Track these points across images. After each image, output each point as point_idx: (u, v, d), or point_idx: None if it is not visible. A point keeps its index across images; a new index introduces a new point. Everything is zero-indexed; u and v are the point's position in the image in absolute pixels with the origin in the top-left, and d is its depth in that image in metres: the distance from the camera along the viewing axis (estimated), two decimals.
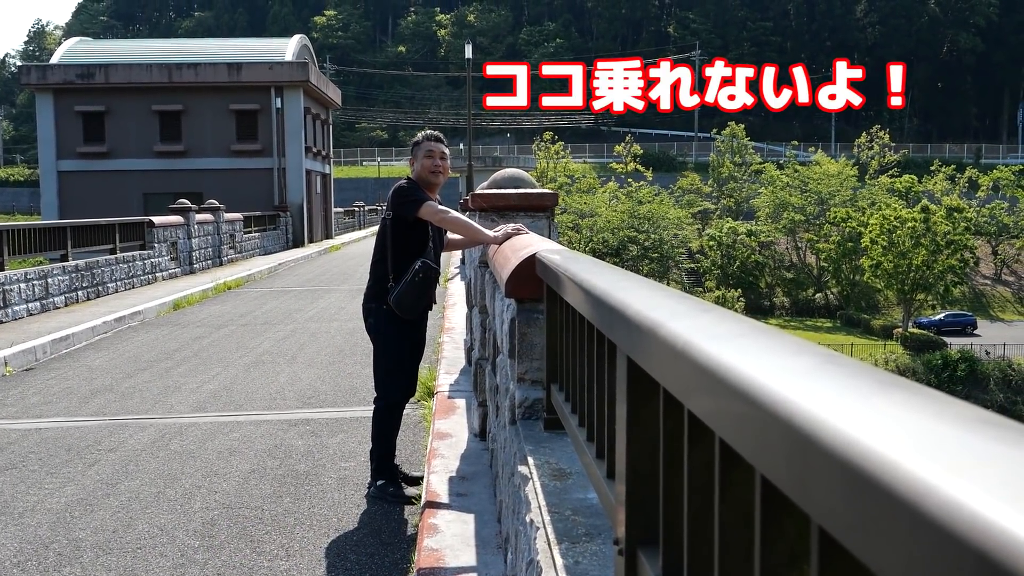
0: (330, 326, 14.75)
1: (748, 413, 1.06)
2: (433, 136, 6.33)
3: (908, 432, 0.77)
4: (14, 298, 14.99)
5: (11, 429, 8.30)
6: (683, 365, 1.36)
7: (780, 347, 1.22)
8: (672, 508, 1.71)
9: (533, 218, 6.90)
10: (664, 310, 1.68)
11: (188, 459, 7.18)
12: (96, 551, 5.30)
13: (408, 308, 5.99)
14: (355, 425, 8.17)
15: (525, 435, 3.74)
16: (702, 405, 1.30)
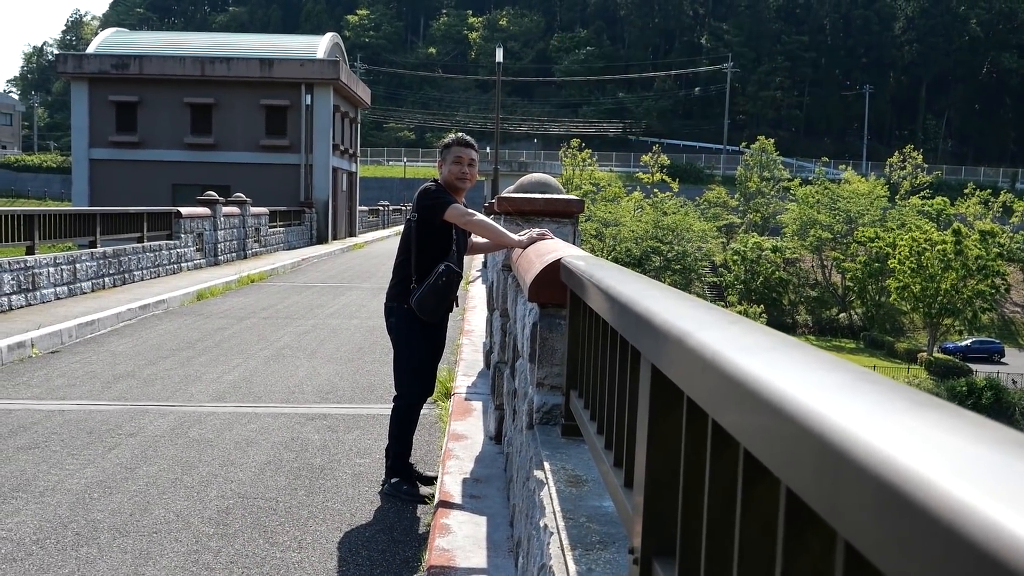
0: (350, 323, 14.77)
1: (778, 426, 1.04)
2: (463, 141, 6.30)
3: (945, 452, 0.76)
4: (43, 282, 15.09)
5: (35, 409, 8.36)
6: (711, 376, 1.34)
7: (812, 362, 1.20)
8: (691, 518, 1.70)
9: (558, 224, 6.89)
10: (692, 320, 1.66)
11: (206, 447, 7.20)
12: (113, 533, 5.33)
13: (429, 311, 5.98)
14: (372, 422, 8.17)
15: (542, 440, 3.72)
16: (729, 416, 1.28)
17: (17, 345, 10.99)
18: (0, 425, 7.74)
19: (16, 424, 7.80)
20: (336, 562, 5.03)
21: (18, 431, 7.58)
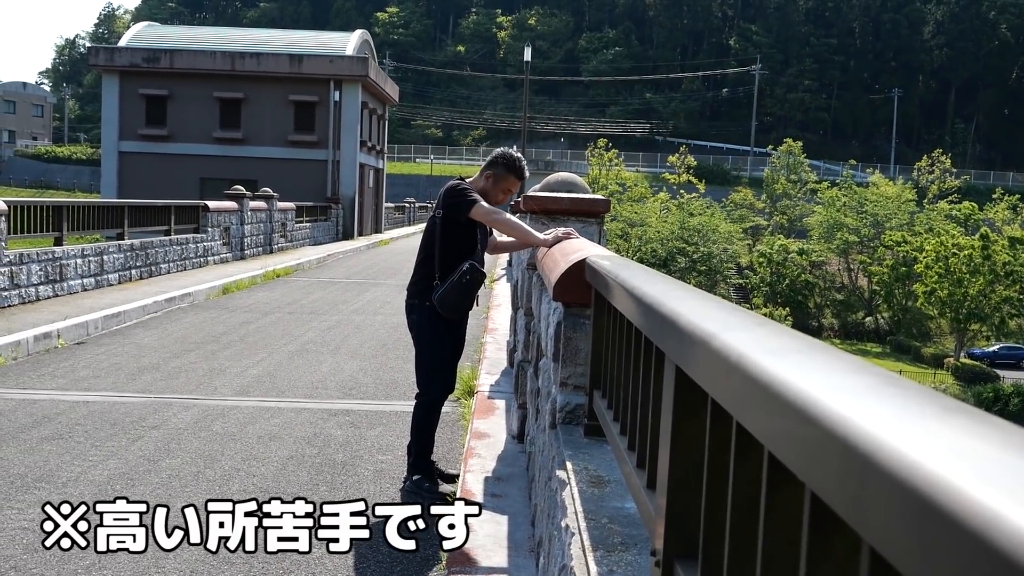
0: (374, 319, 14.81)
1: (803, 430, 1.03)
2: (520, 173, 6.21)
3: (973, 458, 0.75)
4: (70, 273, 15.21)
5: (60, 400, 8.42)
6: (736, 378, 1.33)
7: (838, 365, 1.19)
8: (714, 521, 1.69)
9: (584, 223, 6.88)
10: (717, 321, 1.65)
11: (229, 441, 7.23)
12: None
13: (452, 308, 5.97)
14: (394, 419, 8.18)
15: (565, 440, 3.72)
16: (753, 419, 1.27)
17: (43, 336, 11.07)
18: (25, 415, 7.80)
19: (41, 415, 7.86)
20: (357, 559, 5.04)
21: (42, 421, 7.64)
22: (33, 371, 9.72)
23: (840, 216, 65.51)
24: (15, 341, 10.54)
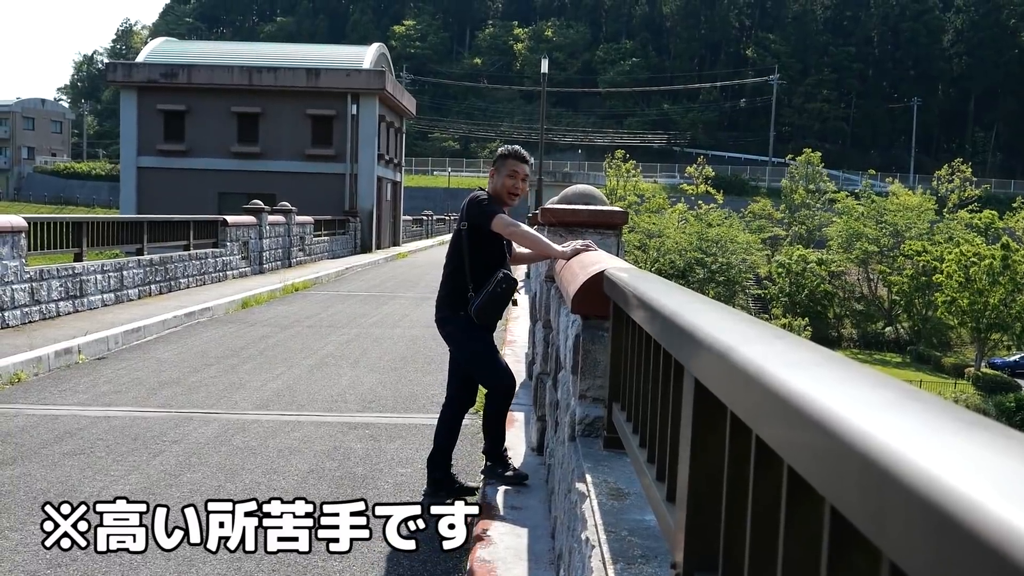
0: (393, 332, 14.84)
1: (823, 444, 1.04)
2: (520, 155, 6.27)
3: (993, 473, 0.75)
4: (90, 288, 15.30)
5: (82, 415, 8.47)
6: (755, 391, 1.34)
7: (857, 379, 1.19)
8: (734, 535, 1.69)
9: (602, 235, 6.88)
10: (736, 334, 1.65)
11: (249, 455, 7.26)
12: None
13: (489, 317, 6.02)
14: (414, 432, 8.20)
15: (584, 453, 3.72)
16: (772, 432, 1.28)
17: (64, 351, 11.14)
18: (47, 431, 7.85)
19: (62, 430, 7.91)
20: (378, 571, 5.05)
21: (64, 437, 7.68)
22: (55, 387, 9.78)
23: (859, 226, 65.30)
24: (36, 357, 10.61)
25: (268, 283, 21.62)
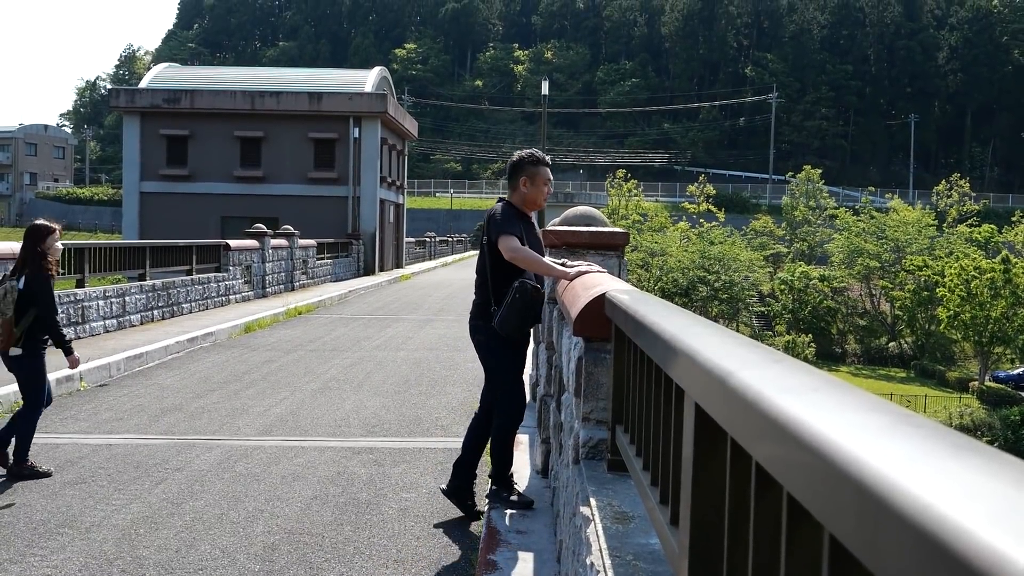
0: (397, 355, 14.83)
1: (818, 469, 1.04)
2: (546, 161, 6.32)
3: (985, 500, 0.75)
4: (92, 314, 15.32)
5: (83, 443, 8.46)
6: (753, 416, 1.34)
7: (853, 403, 1.20)
8: (736, 559, 1.69)
9: (604, 256, 6.89)
10: (735, 358, 1.66)
11: (252, 482, 7.25)
12: (159, 570, 5.37)
13: (512, 329, 6.00)
14: (418, 456, 8.19)
15: (588, 476, 3.72)
16: (770, 457, 1.28)
17: (66, 379, 11.13)
18: (47, 460, 7.83)
19: (64, 459, 7.90)
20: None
21: (65, 466, 7.67)
22: (56, 415, 9.77)
23: (860, 242, 65.33)
24: None
25: (271, 307, 21.63)
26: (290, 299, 24.19)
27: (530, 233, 6.23)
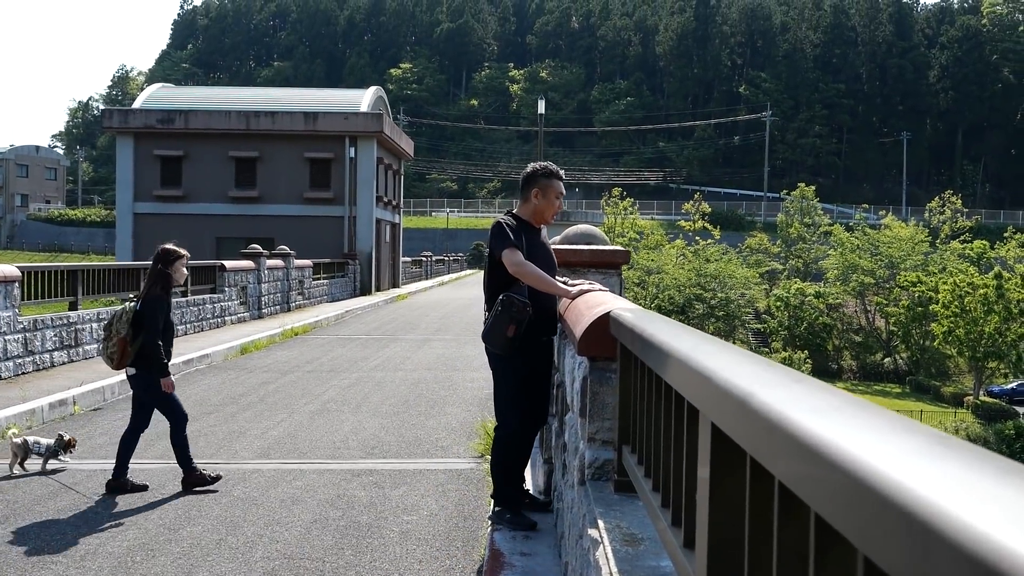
0: (395, 375, 14.77)
1: (858, 495, 1.00)
2: (560, 175, 6.23)
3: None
4: (86, 337, 15.24)
5: (77, 469, 8.38)
6: (778, 438, 1.31)
7: (883, 424, 1.17)
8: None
9: (604, 275, 6.87)
10: (754, 378, 1.62)
11: (251, 506, 7.18)
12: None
13: (496, 343, 5.81)
14: (418, 477, 8.13)
15: (595, 497, 3.67)
16: (798, 480, 1.24)
17: (59, 403, 11.06)
18: (41, 486, 7.76)
19: (57, 485, 7.81)
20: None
21: (59, 492, 7.59)
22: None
23: (855, 258, 65.57)
24: (30, 409, 10.53)
25: (267, 328, 21.57)
26: (286, 320, 24.12)
27: (539, 246, 6.07)
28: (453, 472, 8.37)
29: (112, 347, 7.53)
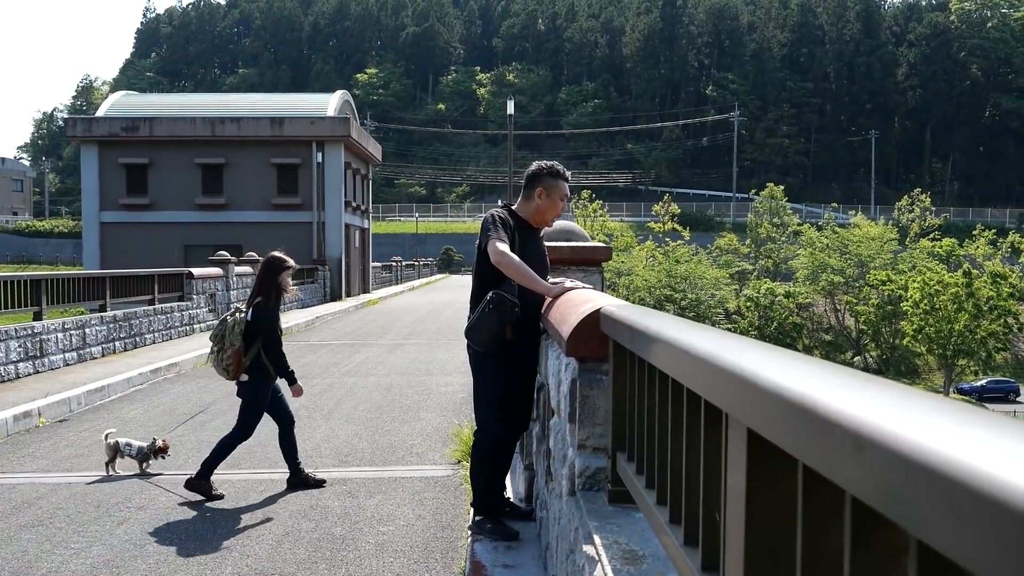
0: (367, 380, 14.46)
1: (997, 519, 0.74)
2: (566, 176, 5.90)
3: None
4: (51, 348, 14.83)
5: (40, 483, 8.03)
6: (872, 456, 1.03)
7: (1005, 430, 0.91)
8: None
9: (585, 272, 6.61)
10: (801, 376, 1.36)
11: (220, 518, 6.86)
12: None
13: (480, 341, 5.49)
14: (393, 485, 7.83)
15: (588, 509, 3.39)
16: (889, 499, 0.98)
17: (23, 415, 10.68)
18: (2, 501, 7.40)
19: (20, 500, 7.46)
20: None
21: (22, 507, 7.23)
22: (12, 453, 9.33)
23: (824, 258, 65.77)
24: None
25: None
26: None
27: (533, 247, 5.75)
28: (429, 479, 8.08)
29: (227, 359, 7.62)
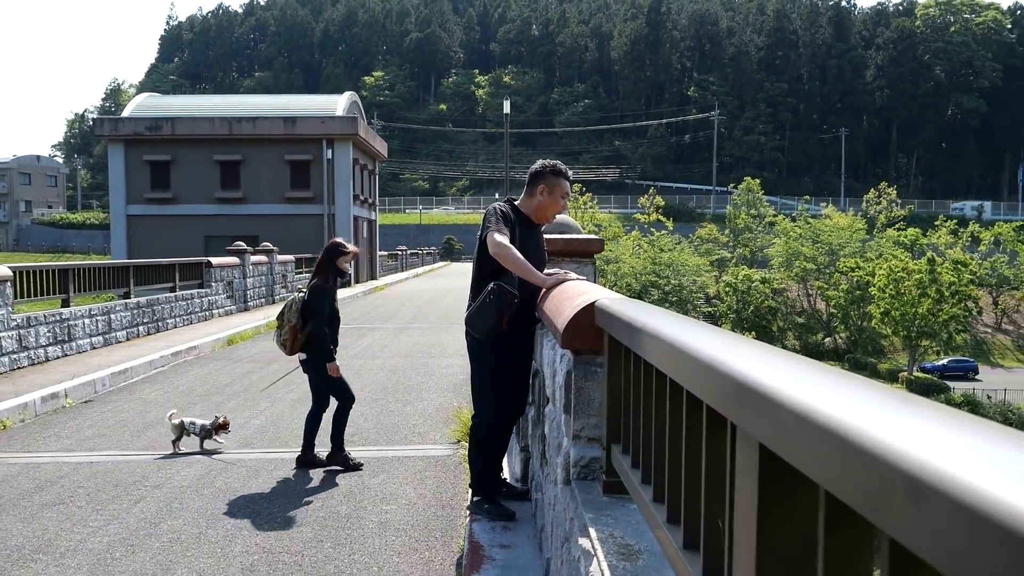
0: (373, 363, 14.26)
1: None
2: (568, 175, 5.62)
3: None
4: (78, 332, 14.62)
5: (63, 462, 7.82)
6: (906, 487, 0.83)
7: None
8: None
9: (578, 264, 6.40)
10: (832, 393, 1.15)
11: (231, 498, 6.65)
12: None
13: (479, 330, 5.25)
14: (397, 465, 7.63)
15: (583, 500, 3.18)
16: (953, 555, 0.77)
17: (51, 396, 10.48)
18: (27, 480, 7.20)
19: (43, 479, 7.25)
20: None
21: (44, 486, 7.03)
22: (39, 433, 9.12)
23: (798, 246, 65.68)
24: (23, 403, 9.94)
25: (252, 320, 20.95)
26: (271, 312, 23.47)
27: (533, 243, 5.51)
28: (431, 459, 7.88)
29: (285, 335, 7.57)
